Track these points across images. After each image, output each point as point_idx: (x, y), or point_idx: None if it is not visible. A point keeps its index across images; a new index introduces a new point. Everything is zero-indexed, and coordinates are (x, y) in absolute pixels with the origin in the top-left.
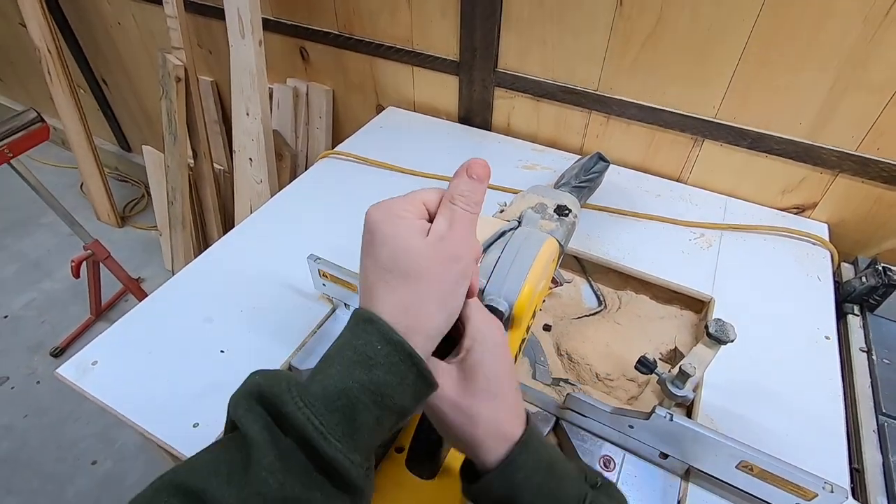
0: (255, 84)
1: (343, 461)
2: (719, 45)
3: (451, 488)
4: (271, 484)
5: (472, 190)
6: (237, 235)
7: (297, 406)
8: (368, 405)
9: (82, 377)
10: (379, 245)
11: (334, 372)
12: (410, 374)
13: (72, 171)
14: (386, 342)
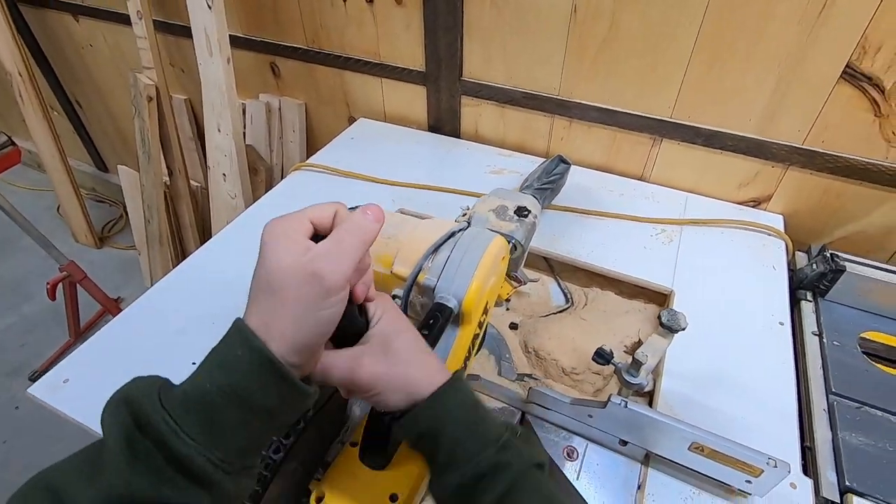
0: (226, 101)
1: (196, 457)
2: (669, 49)
3: (402, 477)
4: (117, 484)
5: (362, 222)
6: (210, 249)
7: (156, 409)
8: (228, 406)
9: (53, 395)
10: (259, 260)
11: (198, 375)
12: (272, 378)
13: (48, 193)
14: (248, 349)
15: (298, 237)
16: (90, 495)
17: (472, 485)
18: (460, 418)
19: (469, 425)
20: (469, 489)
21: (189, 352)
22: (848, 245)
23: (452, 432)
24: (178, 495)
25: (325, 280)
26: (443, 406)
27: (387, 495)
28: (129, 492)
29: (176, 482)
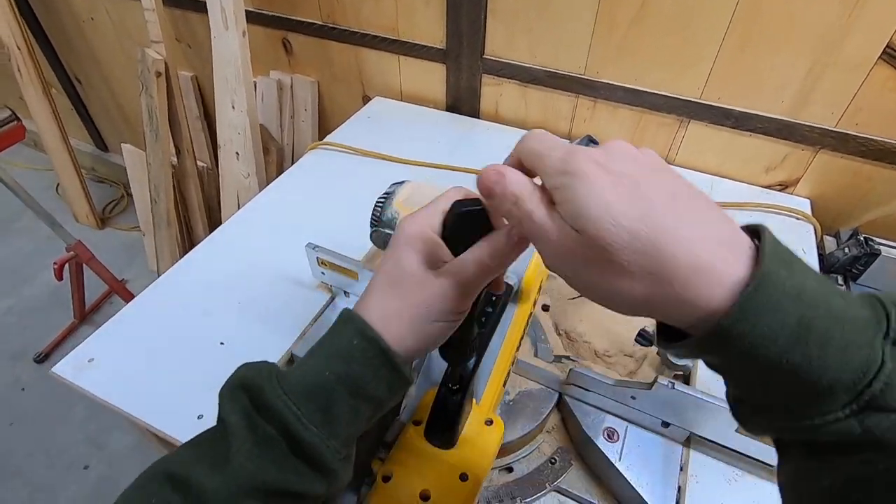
0: (241, 76)
1: (320, 445)
2: (702, 27)
3: (472, 456)
4: (249, 469)
5: (506, 247)
6: (229, 229)
7: (277, 395)
8: (344, 395)
9: (79, 375)
10: (393, 257)
11: (313, 364)
12: (384, 369)
13: (46, 173)
14: (362, 338)
15: (433, 239)
16: (219, 482)
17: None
18: (787, 337)
19: (809, 349)
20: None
21: (215, 333)
22: (874, 228)
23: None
24: (300, 482)
25: (448, 304)
26: (749, 321)
27: (456, 475)
28: (260, 479)
29: (299, 469)
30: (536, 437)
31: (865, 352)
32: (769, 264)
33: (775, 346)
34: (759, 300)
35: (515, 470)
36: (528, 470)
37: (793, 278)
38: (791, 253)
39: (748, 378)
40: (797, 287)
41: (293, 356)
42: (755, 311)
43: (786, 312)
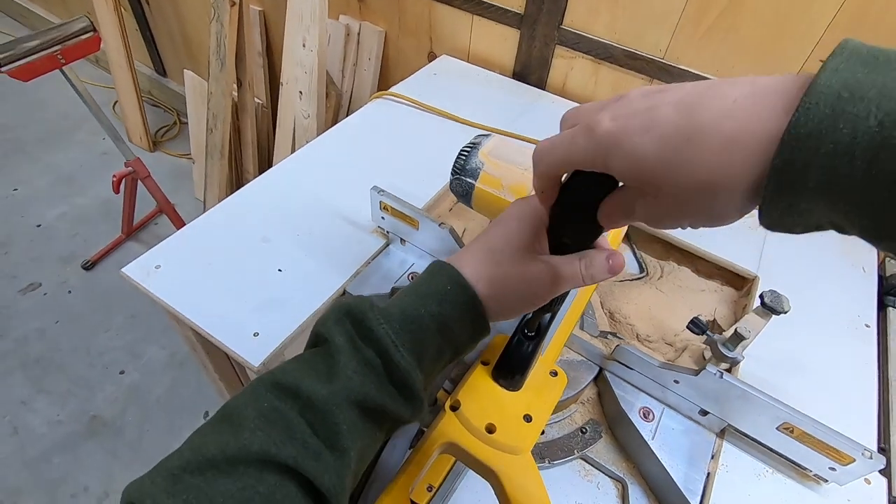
0: (316, 14)
1: (411, 372)
2: (797, 30)
3: (538, 400)
4: (355, 381)
5: (600, 271)
6: (290, 164)
7: (378, 322)
8: (434, 333)
9: (146, 278)
10: (500, 226)
11: (410, 301)
12: (470, 314)
13: (102, 90)
14: (456, 284)
15: (539, 226)
16: (329, 391)
17: None
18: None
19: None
20: None
21: (274, 259)
22: None
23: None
24: (392, 404)
25: (536, 293)
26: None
27: (521, 415)
28: (363, 393)
29: (391, 393)
30: (570, 406)
31: None
32: (827, 76)
33: (857, 160)
34: (812, 115)
35: (546, 433)
36: (559, 435)
37: (876, 76)
38: (887, 51)
39: (866, 212)
40: (879, 83)
41: (346, 292)
42: (811, 129)
43: (855, 118)
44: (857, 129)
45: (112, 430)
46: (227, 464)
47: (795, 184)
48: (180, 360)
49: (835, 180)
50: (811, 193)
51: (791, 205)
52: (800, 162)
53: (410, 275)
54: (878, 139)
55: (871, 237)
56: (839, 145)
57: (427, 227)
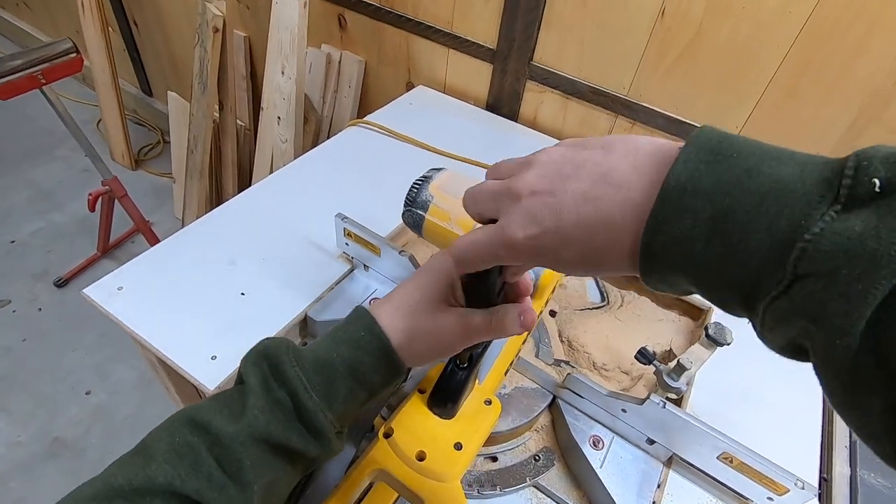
0: (295, 44)
1: (318, 413)
2: (752, 68)
3: (469, 428)
4: (261, 421)
5: (511, 327)
6: (263, 188)
7: (291, 365)
8: (346, 376)
9: (108, 300)
10: (421, 277)
11: (325, 346)
12: (383, 361)
13: (88, 108)
14: (370, 332)
15: (454, 280)
16: (235, 430)
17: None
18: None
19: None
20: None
21: (238, 282)
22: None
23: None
24: (299, 442)
25: (447, 344)
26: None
27: (452, 443)
28: (267, 431)
29: (299, 431)
30: (524, 434)
31: (795, 223)
32: (678, 169)
33: (696, 244)
34: (665, 208)
35: (500, 460)
36: (512, 462)
37: (715, 169)
38: (732, 139)
39: (704, 284)
40: (714, 178)
41: (308, 317)
42: (666, 216)
43: (695, 210)
44: (696, 219)
45: (74, 452)
46: (133, 494)
47: (658, 260)
48: (149, 379)
49: (683, 259)
50: (670, 269)
51: (660, 277)
52: (658, 244)
53: (373, 300)
54: (710, 229)
55: (719, 307)
56: (684, 231)
57: (388, 255)
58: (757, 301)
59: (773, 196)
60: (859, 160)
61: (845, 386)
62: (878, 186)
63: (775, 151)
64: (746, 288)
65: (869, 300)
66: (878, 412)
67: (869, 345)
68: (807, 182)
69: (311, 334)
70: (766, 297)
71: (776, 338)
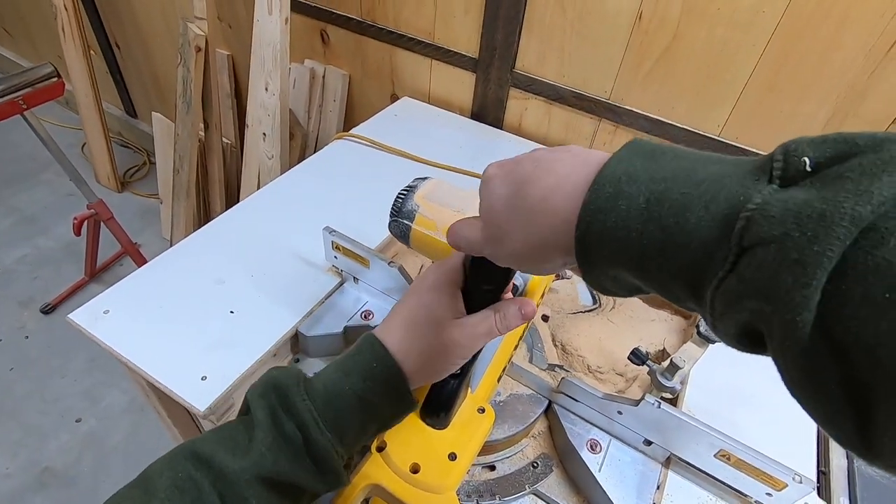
0: (278, 61)
1: (329, 448)
2: (730, 67)
3: (463, 438)
4: (268, 459)
5: (514, 320)
6: (251, 204)
7: (302, 398)
8: (358, 410)
9: (94, 324)
10: (415, 297)
11: (336, 377)
12: (395, 392)
13: (72, 132)
14: (382, 362)
15: (454, 290)
16: (241, 466)
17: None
18: (638, 214)
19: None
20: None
21: (227, 301)
22: None
23: (640, 241)
24: (307, 479)
25: (465, 350)
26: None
27: (446, 453)
28: (275, 470)
29: (307, 467)
30: (521, 441)
31: (734, 200)
32: (614, 163)
33: (632, 231)
34: (600, 195)
35: (497, 469)
36: (510, 471)
37: (650, 165)
38: (666, 147)
39: (648, 276)
40: (650, 171)
41: (299, 333)
42: (599, 206)
43: (630, 196)
44: (630, 205)
45: (64, 482)
46: None
47: (595, 251)
48: (141, 404)
49: (621, 248)
50: (608, 261)
51: (601, 271)
52: (594, 233)
53: (364, 313)
54: (645, 214)
55: (666, 299)
56: (619, 218)
57: (378, 266)
58: (703, 285)
59: (709, 181)
60: (786, 147)
61: (803, 368)
62: (808, 165)
63: (707, 155)
64: (691, 272)
65: (825, 264)
66: (835, 388)
67: (824, 321)
68: (740, 172)
69: (302, 350)
70: (712, 278)
71: (727, 325)
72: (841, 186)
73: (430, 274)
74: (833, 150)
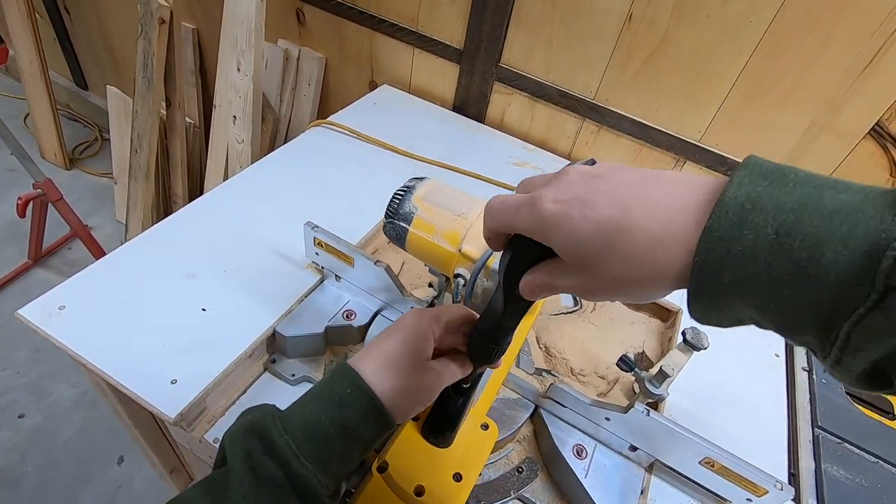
0: (252, 39)
1: (312, 480)
2: (714, 75)
3: (468, 457)
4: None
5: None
6: (221, 193)
7: (280, 434)
8: (338, 436)
9: (48, 321)
10: (397, 335)
11: (311, 407)
12: (373, 414)
13: (14, 101)
14: (355, 387)
15: (431, 338)
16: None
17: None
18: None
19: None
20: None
21: (198, 297)
22: None
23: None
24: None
25: (434, 391)
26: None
27: (451, 474)
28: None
29: (292, 501)
30: (507, 445)
31: (874, 236)
32: (734, 189)
33: (759, 262)
34: (723, 222)
35: (482, 474)
36: (495, 476)
37: (774, 191)
38: (785, 168)
39: (770, 307)
40: (775, 198)
41: (276, 332)
42: (723, 234)
43: (757, 226)
44: (758, 235)
45: (7, 483)
46: None
47: (713, 281)
48: (92, 398)
49: (744, 279)
50: (727, 290)
51: (712, 300)
52: (714, 262)
53: (346, 312)
54: (775, 245)
55: (782, 332)
56: (745, 248)
57: (362, 265)
58: (837, 319)
59: (842, 214)
60: None
61: None
62: None
63: (831, 180)
64: (823, 305)
65: None
66: None
67: None
68: (874, 205)
69: (280, 350)
70: (851, 313)
71: (858, 362)
72: None
73: (409, 319)
74: None
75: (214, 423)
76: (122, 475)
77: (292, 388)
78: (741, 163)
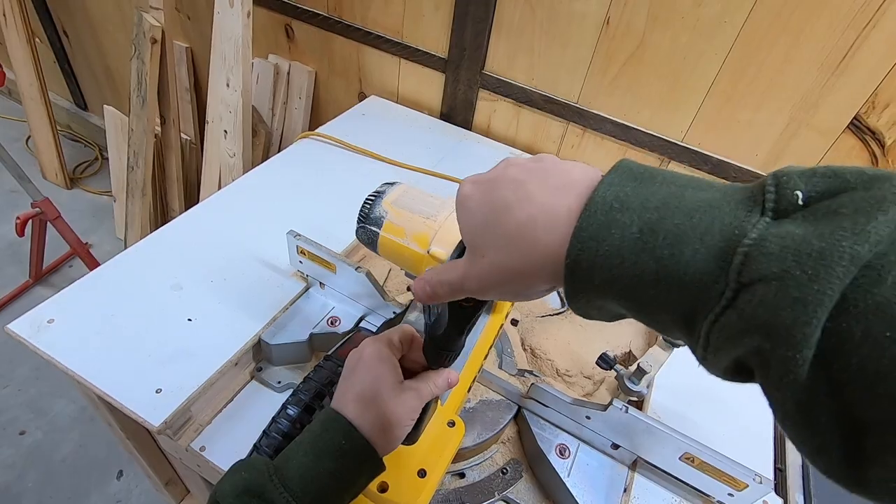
0: (240, 56)
1: None
2: (692, 76)
3: (432, 454)
4: None
5: (442, 389)
6: (211, 205)
7: (279, 492)
8: (334, 488)
9: (36, 335)
10: (364, 370)
11: (308, 462)
12: (368, 464)
13: (16, 124)
14: (350, 438)
15: (395, 362)
16: None
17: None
18: (628, 249)
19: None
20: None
21: (184, 308)
22: None
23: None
24: None
25: (404, 425)
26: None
27: (415, 470)
28: None
29: None
30: (491, 447)
31: (728, 232)
32: (603, 189)
33: (626, 261)
34: (591, 222)
35: (467, 476)
36: (480, 478)
37: (640, 190)
38: (653, 170)
39: (637, 305)
40: (641, 197)
41: (261, 341)
42: (591, 234)
43: (622, 225)
44: (624, 234)
45: (7, 499)
46: None
47: (585, 281)
48: (90, 415)
49: (612, 279)
50: (598, 290)
51: (588, 300)
52: (585, 262)
53: (330, 319)
54: (639, 244)
55: (657, 331)
56: (612, 248)
57: (344, 272)
58: (697, 319)
59: (701, 211)
60: (777, 178)
61: (798, 403)
62: (800, 199)
63: (694, 180)
64: (685, 305)
65: (825, 302)
66: (827, 422)
67: (824, 358)
68: (731, 201)
69: (265, 358)
70: (708, 313)
71: (720, 360)
72: (837, 224)
73: (371, 350)
74: (823, 184)
75: (201, 432)
76: (121, 490)
77: (278, 395)
78: (614, 165)
